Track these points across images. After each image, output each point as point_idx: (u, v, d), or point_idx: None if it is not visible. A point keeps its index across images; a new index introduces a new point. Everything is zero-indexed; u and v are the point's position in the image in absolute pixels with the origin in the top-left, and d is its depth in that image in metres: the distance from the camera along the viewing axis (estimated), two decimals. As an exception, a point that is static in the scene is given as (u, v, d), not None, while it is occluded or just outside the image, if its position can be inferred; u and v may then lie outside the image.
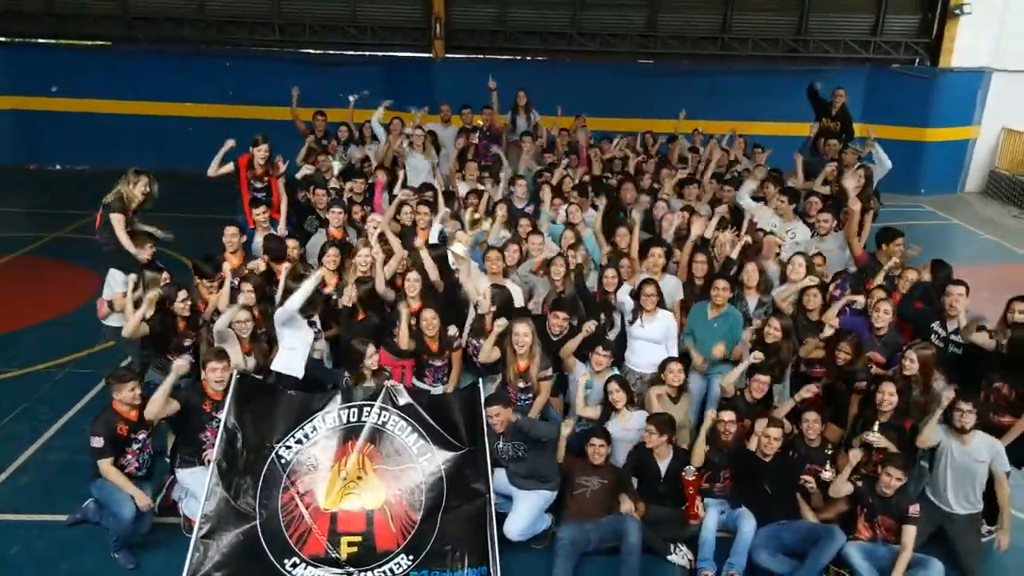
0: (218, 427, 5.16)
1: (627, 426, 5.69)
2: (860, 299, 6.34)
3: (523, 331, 5.67)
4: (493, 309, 5.96)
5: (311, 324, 5.94)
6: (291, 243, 6.81)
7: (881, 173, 8.78)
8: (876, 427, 5.35)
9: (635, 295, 6.28)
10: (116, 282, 6.24)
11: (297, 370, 5.76)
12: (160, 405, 5.06)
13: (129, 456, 5.10)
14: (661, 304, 6.27)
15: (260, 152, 7.61)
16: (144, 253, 6.23)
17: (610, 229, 7.25)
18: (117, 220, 6.29)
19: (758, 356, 5.82)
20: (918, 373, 5.51)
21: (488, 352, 5.83)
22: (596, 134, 10.90)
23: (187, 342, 5.86)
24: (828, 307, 6.23)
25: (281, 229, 7.44)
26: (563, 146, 10.22)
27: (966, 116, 15.34)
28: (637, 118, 13.41)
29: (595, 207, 7.82)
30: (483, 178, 8.82)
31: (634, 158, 9.78)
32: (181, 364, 5.19)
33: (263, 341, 5.90)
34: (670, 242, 7.14)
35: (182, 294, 5.86)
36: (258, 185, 7.71)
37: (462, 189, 8.45)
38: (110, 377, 5.17)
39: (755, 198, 8.14)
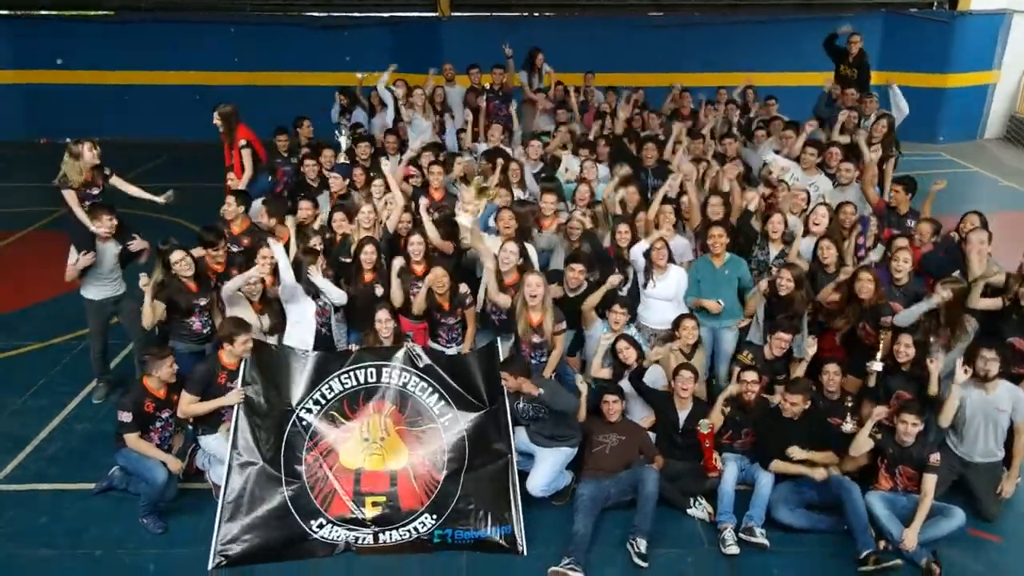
0: None
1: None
2: (873, 256, 6.29)
3: (535, 282, 5.59)
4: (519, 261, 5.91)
5: (315, 297, 5.94)
6: (304, 205, 6.77)
7: (899, 119, 8.65)
8: (878, 356, 5.36)
9: (647, 254, 6.24)
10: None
11: (307, 343, 5.78)
12: (196, 410, 5.20)
13: (152, 433, 5.18)
14: (671, 260, 6.25)
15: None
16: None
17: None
18: (69, 196, 6.23)
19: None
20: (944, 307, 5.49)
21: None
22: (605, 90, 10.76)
23: (203, 301, 5.84)
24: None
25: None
26: (576, 103, 10.06)
27: (986, 61, 14.99)
28: (649, 72, 13.21)
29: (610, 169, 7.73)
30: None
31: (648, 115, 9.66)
32: (234, 397, 5.20)
33: (274, 301, 5.92)
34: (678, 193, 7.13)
35: (177, 255, 5.73)
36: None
37: (480, 149, 8.35)
38: (146, 354, 5.23)
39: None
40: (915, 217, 6.70)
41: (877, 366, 5.38)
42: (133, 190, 6.72)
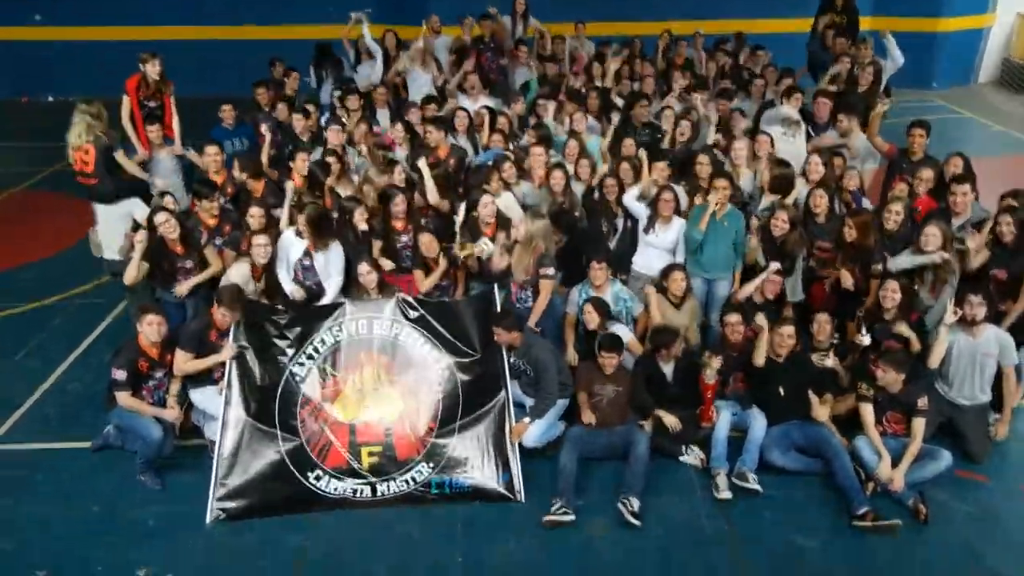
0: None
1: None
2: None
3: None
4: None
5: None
6: (301, 156, 6.67)
7: (893, 69, 8.57)
8: (864, 329, 5.41)
9: (652, 203, 6.22)
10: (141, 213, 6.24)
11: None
12: (192, 368, 5.23)
13: (144, 392, 5.17)
14: (677, 212, 6.23)
15: (154, 68, 7.25)
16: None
17: (617, 144, 7.16)
18: (119, 156, 6.36)
19: (774, 267, 5.83)
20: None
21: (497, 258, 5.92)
22: (595, 39, 10.60)
23: (188, 264, 5.81)
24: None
25: (176, 148, 7.25)
26: (561, 53, 9.90)
27: (980, 4, 14.79)
28: (639, 21, 13.00)
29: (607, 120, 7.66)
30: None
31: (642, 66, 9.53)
32: (227, 352, 5.20)
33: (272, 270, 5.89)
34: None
35: (160, 216, 5.68)
36: (151, 104, 7.39)
37: (468, 104, 8.23)
38: (138, 309, 5.22)
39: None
40: (928, 163, 6.61)
41: (865, 340, 5.39)
42: (133, 168, 6.73)
